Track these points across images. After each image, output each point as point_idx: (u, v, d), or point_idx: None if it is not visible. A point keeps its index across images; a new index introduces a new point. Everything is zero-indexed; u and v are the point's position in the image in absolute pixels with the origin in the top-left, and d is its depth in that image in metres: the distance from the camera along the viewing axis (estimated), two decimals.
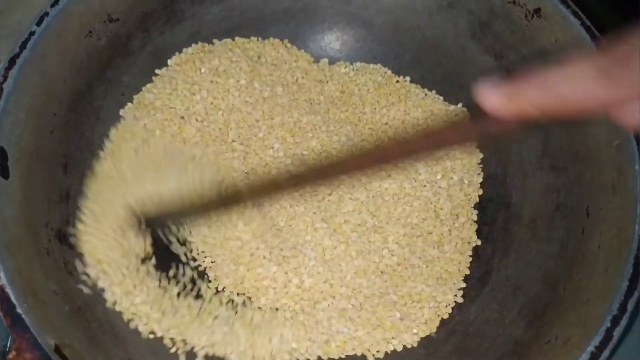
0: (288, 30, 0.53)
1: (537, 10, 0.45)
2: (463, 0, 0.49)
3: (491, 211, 0.46)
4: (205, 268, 0.44)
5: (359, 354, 0.41)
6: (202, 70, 0.49)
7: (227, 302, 0.42)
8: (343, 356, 0.41)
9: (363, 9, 0.52)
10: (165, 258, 0.43)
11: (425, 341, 0.42)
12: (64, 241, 0.40)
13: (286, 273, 0.43)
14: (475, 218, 0.47)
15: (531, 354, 0.37)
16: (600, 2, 0.48)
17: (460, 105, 0.50)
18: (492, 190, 0.47)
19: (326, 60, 0.53)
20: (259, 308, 0.42)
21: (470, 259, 0.45)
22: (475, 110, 0.24)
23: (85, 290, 0.39)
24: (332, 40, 0.53)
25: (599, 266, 0.38)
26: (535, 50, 0.46)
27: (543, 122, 0.23)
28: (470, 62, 0.50)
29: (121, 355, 0.37)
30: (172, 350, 0.40)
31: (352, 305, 0.42)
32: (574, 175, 0.42)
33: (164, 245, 0.43)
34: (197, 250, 0.44)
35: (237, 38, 0.52)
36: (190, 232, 0.44)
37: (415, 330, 0.42)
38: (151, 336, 0.40)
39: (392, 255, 0.44)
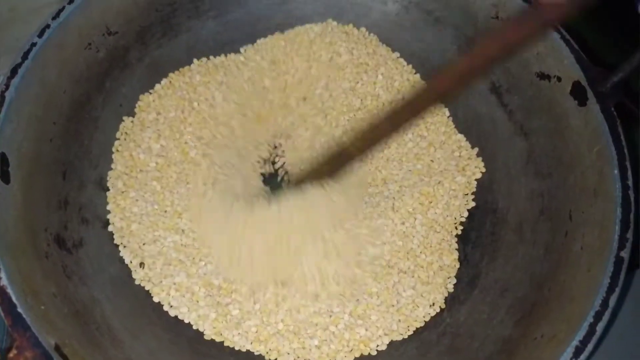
0: None
1: None
2: (448, 16, 0.52)
3: (479, 217, 0.48)
4: None
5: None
6: None
7: None
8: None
9: (354, 23, 0.54)
10: None
11: (417, 342, 0.43)
12: (62, 246, 0.41)
13: None
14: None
15: (519, 351, 0.38)
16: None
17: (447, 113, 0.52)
18: (479, 197, 0.48)
19: None
20: None
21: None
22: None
23: (84, 293, 0.40)
24: None
25: (582, 267, 0.39)
26: (517, 62, 0.48)
27: None
28: None
29: (119, 356, 0.38)
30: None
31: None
32: (558, 180, 0.44)
33: None
34: None
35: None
36: None
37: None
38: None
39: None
